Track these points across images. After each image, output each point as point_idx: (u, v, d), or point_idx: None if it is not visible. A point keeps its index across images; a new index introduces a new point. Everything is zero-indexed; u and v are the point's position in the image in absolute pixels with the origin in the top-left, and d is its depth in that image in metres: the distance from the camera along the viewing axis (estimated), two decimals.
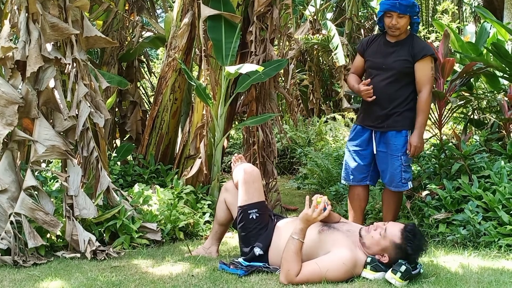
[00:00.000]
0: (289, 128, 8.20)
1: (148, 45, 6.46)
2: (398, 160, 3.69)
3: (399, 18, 3.59)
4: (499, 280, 2.80)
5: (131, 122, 6.17)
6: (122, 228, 3.81)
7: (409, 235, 2.81)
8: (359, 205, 3.94)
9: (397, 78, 3.67)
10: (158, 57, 12.96)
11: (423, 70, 3.61)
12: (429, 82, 3.62)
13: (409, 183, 3.76)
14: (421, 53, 3.61)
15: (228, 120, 5.09)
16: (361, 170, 3.85)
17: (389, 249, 2.82)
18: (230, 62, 4.64)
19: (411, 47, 3.65)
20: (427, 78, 3.61)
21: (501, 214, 3.56)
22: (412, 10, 3.60)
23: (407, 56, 3.64)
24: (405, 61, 3.64)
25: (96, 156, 3.88)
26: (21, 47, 3.58)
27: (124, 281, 2.92)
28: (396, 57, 3.67)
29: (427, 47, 3.68)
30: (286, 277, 2.79)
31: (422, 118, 3.64)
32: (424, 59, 3.61)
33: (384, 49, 3.74)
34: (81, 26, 3.90)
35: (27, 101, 3.58)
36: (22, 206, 3.43)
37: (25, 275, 3.09)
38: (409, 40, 3.68)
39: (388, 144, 3.73)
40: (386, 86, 3.68)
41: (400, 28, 3.63)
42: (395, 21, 3.59)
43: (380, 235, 2.85)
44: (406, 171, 3.72)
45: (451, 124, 6.20)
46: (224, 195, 3.46)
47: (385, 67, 3.70)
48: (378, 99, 3.70)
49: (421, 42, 3.71)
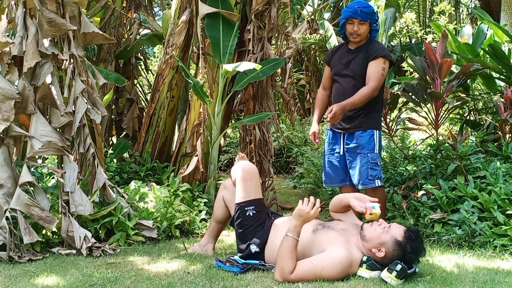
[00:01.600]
0: (285, 127, 8.20)
1: (146, 42, 6.46)
2: (365, 157, 3.76)
3: (360, 25, 3.74)
4: (494, 279, 2.81)
5: (128, 120, 6.16)
6: (118, 225, 3.80)
7: (412, 235, 2.83)
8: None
9: (358, 82, 3.77)
10: (155, 55, 12.94)
11: (373, 68, 3.71)
12: (377, 79, 3.69)
13: (377, 180, 3.78)
14: (373, 54, 3.73)
15: (225, 118, 5.09)
16: (338, 172, 3.93)
17: (388, 244, 2.83)
18: (227, 60, 4.63)
19: (366, 51, 3.78)
20: (375, 74, 3.70)
21: (497, 215, 3.57)
22: (372, 17, 3.75)
23: (363, 60, 3.77)
24: (362, 64, 3.77)
25: (93, 152, 3.87)
26: (18, 42, 3.57)
27: (120, 277, 2.91)
28: (354, 63, 3.81)
29: (381, 49, 3.78)
30: (281, 274, 2.79)
31: (354, 99, 3.65)
32: (375, 59, 3.72)
33: (345, 57, 3.88)
34: (79, 22, 3.89)
35: (24, 96, 3.56)
36: (18, 202, 3.42)
37: (21, 271, 3.08)
38: (366, 45, 3.82)
39: (355, 143, 3.80)
40: (349, 89, 3.78)
41: (361, 35, 3.77)
42: (357, 28, 3.74)
43: (383, 229, 2.86)
44: (373, 168, 3.77)
45: (447, 125, 6.22)
46: (222, 192, 3.45)
47: (346, 73, 3.84)
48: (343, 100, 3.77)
49: (376, 45, 3.81)
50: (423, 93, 4.33)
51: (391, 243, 2.82)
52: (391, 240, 2.83)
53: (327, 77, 4.04)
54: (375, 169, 3.78)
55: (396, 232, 2.85)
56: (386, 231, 2.86)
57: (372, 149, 3.78)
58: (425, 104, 4.41)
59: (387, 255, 2.82)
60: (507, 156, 4.21)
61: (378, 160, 3.80)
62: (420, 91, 4.35)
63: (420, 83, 4.32)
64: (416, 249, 2.80)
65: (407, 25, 8.56)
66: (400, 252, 2.80)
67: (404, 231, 2.86)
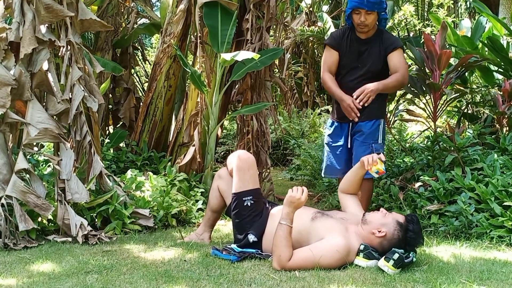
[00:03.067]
0: (283, 119, 8.19)
1: (143, 31, 6.42)
2: (369, 148, 3.73)
3: (367, 15, 3.61)
4: (491, 269, 2.81)
5: (125, 109, 6.14)
6: (114, 213, 3.78)
7: (413, 218, 2.89)
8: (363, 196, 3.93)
9: (371, 76, 3.70)
10: (152, 45, 12.88)
11: (397, 59, 3.65)
12: (404, 67, 3.65)
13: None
14: (392, 46, 3.65)
15: (223, 108, 5.07)
16: (340, 164, 3.89)
17: (389, 225, 2.85)
18: (225, 49, 4.61)
19: (381, 43, 3.69)
20: (401, 64, 3.65)
21: (494, 206, 3.57)
22: (379, 6, 3.63)
23: (379, 53, 3.68)
24: (377, 58, 3.68)
25: (89, 140, 3.85)
26: (15, 28, 3.54)
27: (116, 265, 2.91)
28: (369, 56, 3.70)
29: (397, 40, 3.73)
30: (279, 263, 2.79)
31: (388, 82, 3.61)
32: (395, 51, 3.66)
33: (356, 47, 3.75)
34: (76, 9, 3.86)
35: (20, 83, 3.53)
36: (14, 188, 3.40)
37: (16, 258, 3.07)
38: (378, 36, 3.72)
39: (360, 133, 3.77)
40: (360, 83, 3.69)
41: (368, 25, 3.65)
42: (364, 18, 3.61)
43: (385, 214, 2.92)
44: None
45: (444, 118, 6.22)
46: (217, 182, 3.44)
47: (360, 66, 3.73)
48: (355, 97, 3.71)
49: (390, 36, 3.76)
50: (421, 84, 4.32)
51: (392, 223, 2.86)
52: (393, 221, 2.87)
53: (334, 62, 3.79)
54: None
55: (398, 215, 2.93)
56: (386, 215, 2.91)
57: (376, 139, 3.76)
58: (423, 95, 4.39)
59: (387, 235, 2.84)
60: (505, 149, 4.21)
61: (381, 151, 3.76)
62: (418, 82, 4.34)
63: (419, 74, 4.31)
64: (416, 231, 2.84)
65: (406, 18, 8.55)
66: (400, 233, 2.83)
67: (405, 216, 2.93)
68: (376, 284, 2.58)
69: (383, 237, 2.84)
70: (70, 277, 2.68)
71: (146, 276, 2.69)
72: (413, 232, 2.82)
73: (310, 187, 5.96)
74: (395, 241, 2.83)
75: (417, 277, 2.68)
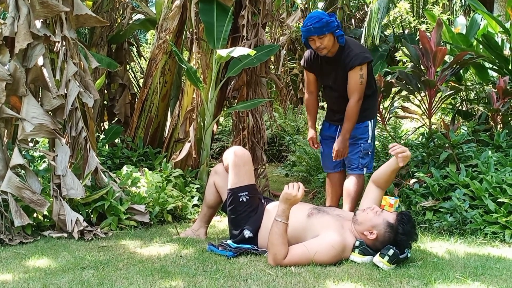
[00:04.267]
0: (278, 116, 8.19)
1: (138, 27, 6.39)
2: (358, 147, 3.84)
3: (320, 39, 3.62)
4: (484, 265, 2.83)
5: (120, 105, 6.12)
6: (110, 209, 3.79)
7: (404, 217, 2.86)
8: (334, 191, 4.10)
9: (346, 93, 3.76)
10: (147, 41, 12.84)
11: (351, 80, 3.70)
12: (357, 90, 3.69)
13: (364, 169, 3.87)
14: (348, 66, 3.68)
15: (218, 104, 5.07)
16: (331, 159, 3.94)
17: (380, 227, 2.85)
18: (221, 45, 4.60)
19: (342, 63, 3.72)
20: (355, 87, 3.70)
21: (488, 202, 3.60)
22: (328, 28, 3.59)
23: (343, 74, 3.73)
24: (343, 78, 3.73)
25: (85, 136, 3.84)
26: (10, 23, 3.52)
27: (112, 260, 2.91)
28: (337, 77, 3.78)
29: (354, 57, 3.67)
30: (274, 260, 2.79)
31: (348, 125, 3.73)
32: (352, 69, 3.68)
33: (325, 68, 3.84)
34: (71, 4, 3.83)
35: (15, 78, 3.52)
36: (9, 184, 3.39)
37: (12, 253, 3.06)
38: (339, 55, 3.72)
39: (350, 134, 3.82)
40: (338, 98, 3.84)
41: (326, 47, 3.67)
42: (319, 43, 3.64)
43: (376, 213, 2.88)
44: (364, 157, 3.85)
45: (439, 115, 6.24)
46: (213, 177, 3.44)
47: (333, 86, 3.86)
48: (338, 109, 3.88)
49: (349, 53, 3.70)
50: (416, 81, 4.33)
51: (383, 225, 2.85)
52: (383, 222, 2.86)
53: (311, 81, 4.01)
54: (365, 158, 3.86)
55: (388, 216, 2.89)
56: (378, 214, 2.89)
57: (365, 139, 3.85)
58: (418, 92, 4.41)
59: (378, 237, 2.84)
60: (499, 146, 4.24)
61: (369, 150, 3.87)
62: (414, 79, 4.35)
63: (414, 71, 4.32)
64: (407, 232, 2.83)
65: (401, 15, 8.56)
66: (391, 235, 2.82)
67: (396, 215, 2.89)
68: (371, 279, 2.60)
69: (375, 239, 2.85)
70: (66, 273, 2.68)
71: (142, 271, 2.69)
72: (403, 234, 2.81)
73: (306, 183, 5.97)
74: (387, 242, 2.83)
75: (412, 272, 2.70)
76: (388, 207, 2.93)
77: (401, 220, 2.84)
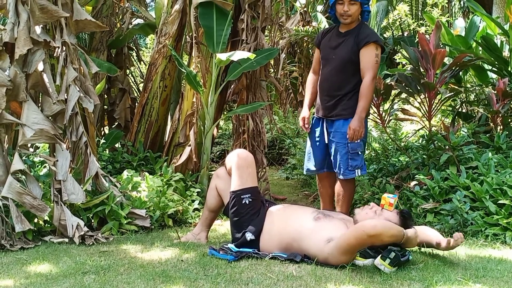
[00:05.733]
0: (278, 119, 8.20)
1: (138, 32, 6.40)
2: (345, 148, 3.71)
3: (351, 5, 3.62)
4: (486, 267, 2.83)
5: (120, 110, 6.12)
6: (111, 214, 3.79)
7: (405, 215, 2.88)
8: (326, 192, 4.03)
9: (344, 67, 3.72)
10: (147, 45, 12.86)
11: (366, 57, 3.64)
12: (372, 68, 3.63)
13: (357, 170, 3.74)
14: (364, 40, 3.63)
15: (218, 108, 5.08)
16: (318, 159, 3.92)
17: None
18: (221, 49, 4.61)
19: (357, 35, 3.68)
20: (370, 64, 3.63)
21: (488, 204, 3.60)
22: None
23: (353, 45, 3.68)
24: (351, 50, 3.68)
25: (85, 141, 3.85)
26: (10, 29, 3.52)
27: (113, 265, 2.91)
28: (343, 47, 3.73)
29: (371, 34, 3.68)
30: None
31: (364, 103, 3.64)
32: (367, 45, 3.63)
33: (335, 40, 3.79)
34: (71, 9, 3.84)
35: (15, 84, 3.52)
36: (10, 190, 3.39)
37: (13, 259, 3.06)
38: (356, 29, 3.71)
39: (336, 133, 3.77)
40: (334, 75, 3.76)
41: (352, 16, 3.65)
42: (347, 8, 3.62)
43: (375, 213, 2.88)
44: (354, 158, 3.72)
45: (439, 117, 6.25)
46: (215, 181, 3.44)
47: (334, 57, 3.77)
48: (327, 88, 3.80)
49: (366, 30, 3.72)
50: (416, 84, 4.34)
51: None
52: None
53: (317, 60, 3.97)
54: (355, 159, 3.72)
55: (389, 216, 2.89)
56: (378, 214, 2.89)
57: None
58: (418, 94, 4.42)
59: None
60: (499, 147, 4.24)
61: (358, 149, 3.72)
62: (413, 81, 4.36)
63: (414, 74, 4.33)
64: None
65: (400, 17, 8.58)
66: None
67: (396, 213, 2.90)
68: (372, 282, 2.59)
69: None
70: (68, 278, 2.68)
71: (144, 276, 2.69)
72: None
73: (306, 186, 5.98)
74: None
75: (413, 275, 2.70)
76: (388, 206, 2.93)
77: (402, 218, 2.86)
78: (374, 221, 2.62)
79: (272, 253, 3.00)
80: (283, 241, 3.00)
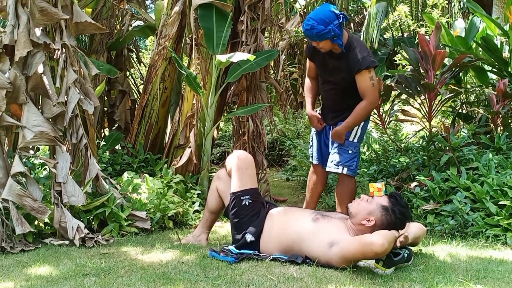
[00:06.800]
0: (278, 120, 8.20)
1: (138, 33, 6.41)
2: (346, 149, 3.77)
3: (320, 43, 3.59)
4: (487, 268, 2.83)
5: (120, 112, 6.12)
6: (111, 216, 3.78)
7: (396, 197, 2.94)
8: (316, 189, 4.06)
9: (344, 89, 3.75)
10: (146, 47, 12.87)
11: (362, 82, 3.64)
12: (370, 92, 3.64)
13: (341, 167, 3.74)
14: (355, 68, 3.61)
15: (218, 110, 5.08)
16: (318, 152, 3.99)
17: (375, 211, 2.89)
18: (221, 51, 4.61)
19: (347, 61, 3.65)
20: (367, 89, 3.64)
21: (489, 205, 3.60)
22: (321, 37, 3.51)
23: (346, 72, 3.67)
24: (347, 77, 3.68)
25: (85, 143, 3.84)
26: (10, 31, 3.52)
27: (114, 267, 2.90)
28: (338, 72, 3.73)
29: (362, 59, 3.61)
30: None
31: (351, 120, 3.69)
32: (360, 73, 3.62)
33: (327, 62, 3.77)
34: (71, 12, 3.84)
35: (15, 86, 3.52)
36: (10, 192, 3.39)
37: (13, 261, 3.06)
38: (346, 52, 3.65)
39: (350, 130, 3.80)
40: (335, 94, 3.82)
41: (324, 48, 3.63)
42: (315, 44, 3.62)
43: (367, 201, 2.94)
44: (341, 154, 3.76)
45: (439, 118, 6.24)
46: (216, 183, 3.44)
47: (331, 80, 3.80)
48: (331, 105, 3.89)
49: (356, 54, 3.63)
50: (416, 85, 4.34)
51: (378, 209, 2.90)
52: (378, 207, 2.90)
53: (312, 69, 3.97)
54: (343, 156, 3.73)
55: (381, 199, 2.94)
56: (370, 201, 2.94)
57: (347, 137, 3.75)
58: (418, 95, 4.42)
59: (377, 223, 2.87)
60: (499, 148, 4.24)
61: (350, 148, 3.74)
62: (413, 82, 4.36)
63: (414, 75, 4.33)
64: (403, 211, 2.90)
65: (400, 18, 8.57)
66: (388, 217, 2.87)
67: (387, 197, 2.95)
68: (373, 284, 2.59)
69: (374, 225, 2.86)
70: (68, 280, 2.67)
71: (144, 278, 2.68)
72: (400, 213, 2.88)
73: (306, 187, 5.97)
74: (386, 226, 2.85)
75: (414, 276, 2.70)
76: (378, 192, 2.98)
77: (393, 201, 2.91)
78: (381, 240, 2.63)
79: (273, 255, 3.00)
80: (283, 243, 3.00)
